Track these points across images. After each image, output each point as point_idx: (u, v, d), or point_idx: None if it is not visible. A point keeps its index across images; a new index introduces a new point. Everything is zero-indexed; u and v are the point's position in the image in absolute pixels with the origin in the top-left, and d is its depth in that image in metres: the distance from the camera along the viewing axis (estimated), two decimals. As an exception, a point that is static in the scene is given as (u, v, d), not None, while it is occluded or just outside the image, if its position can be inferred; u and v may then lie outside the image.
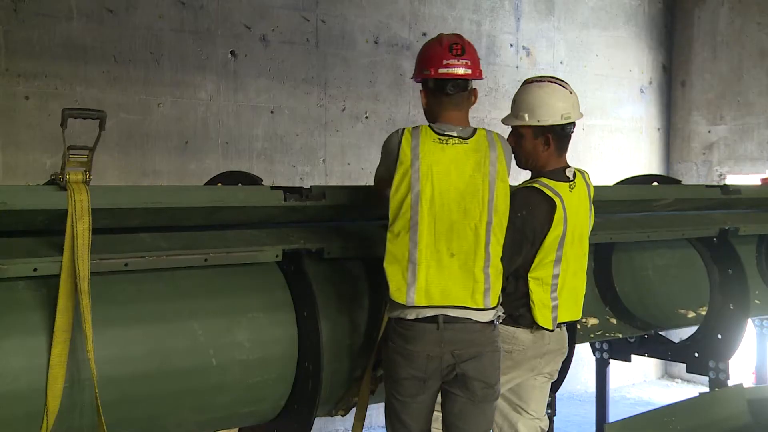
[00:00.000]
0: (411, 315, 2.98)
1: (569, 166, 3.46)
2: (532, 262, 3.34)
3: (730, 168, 7.63)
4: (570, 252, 3.42)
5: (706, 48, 7.80)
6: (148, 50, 5.21)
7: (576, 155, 7.37)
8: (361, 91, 6.13)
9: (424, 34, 6.40)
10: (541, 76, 3.54)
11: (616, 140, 7.74)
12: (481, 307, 3.00)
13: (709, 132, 7.76)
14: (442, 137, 3.00)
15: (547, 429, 3.63)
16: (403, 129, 3.03)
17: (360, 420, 3.36)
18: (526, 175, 3.52)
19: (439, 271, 2.95)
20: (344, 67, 6.04)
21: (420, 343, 2.97)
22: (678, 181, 5.44)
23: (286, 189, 3.14)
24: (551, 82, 3.47)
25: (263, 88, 5.68)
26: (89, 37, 5.00)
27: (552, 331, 3.43)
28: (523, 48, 7.02)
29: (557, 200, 3.30)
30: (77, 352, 2.63)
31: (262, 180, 3.50)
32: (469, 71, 3.07)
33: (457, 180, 2.97)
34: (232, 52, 5.55)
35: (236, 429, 3.58)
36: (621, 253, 4.88)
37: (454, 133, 3.02)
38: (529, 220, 3.27)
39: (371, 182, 6.43)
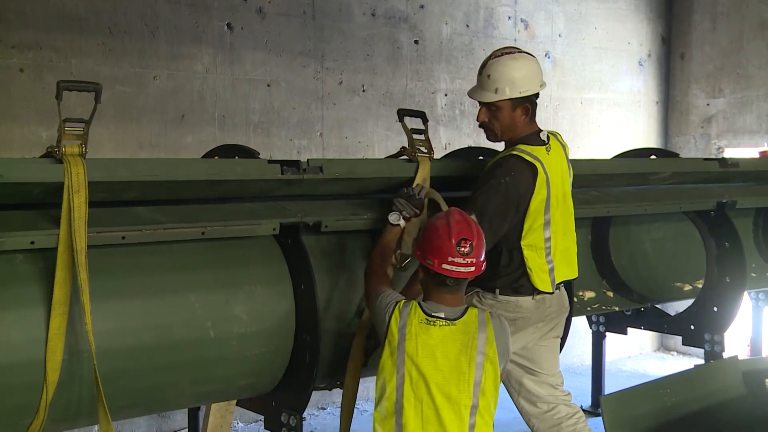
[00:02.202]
0: None
1: (542, 130, 3.52)
2: (521, 229, 3.38)
3: (728, 141, 7.61)
4: (557, 213, 3.49)
5: (705, 19, 7.74)
6: (143, 22, 5.16)
7: (574, 129, 7.35)
8: (358, 64, 6.08)
9: (422, 7, 6.34)
10: (507, 48, 3.56)
11: (614, 114, 7.71)
12: None
13: (708, 105, 7.73)
14: (429, 318, 2.88)
15: (561, 382, 3.69)
16: (395, 305, 2.91)
17: (350, 394, 3.31)
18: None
19: None
20: (341, 40, 6.00)
21: None
22: (676, 155, 5.44)
23: (283, 162, 3.13)
24: (520, 52, 3.51)
25: (260, 60, 5.64)
26: (84, 9, 4.95)
27: (552, 293, 3.48)
28: (521, 20, 6.96)
29: (538, 165, 3.36)
30: (75, 324, 2.64)
31: (259, 153, 3.49)
32: (472, 269, 2.90)
33: (442, 363, 2.84)
34: (228, 25, 5.50)
35: (234, 401, 3.60)
36: (618, 227, 4.89)
37: (442, 315, 2.89)
38: (513, 186, 3.32)
39: (368, 156, 6.40)
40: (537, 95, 3.50)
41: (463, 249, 2.85)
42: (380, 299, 2.97)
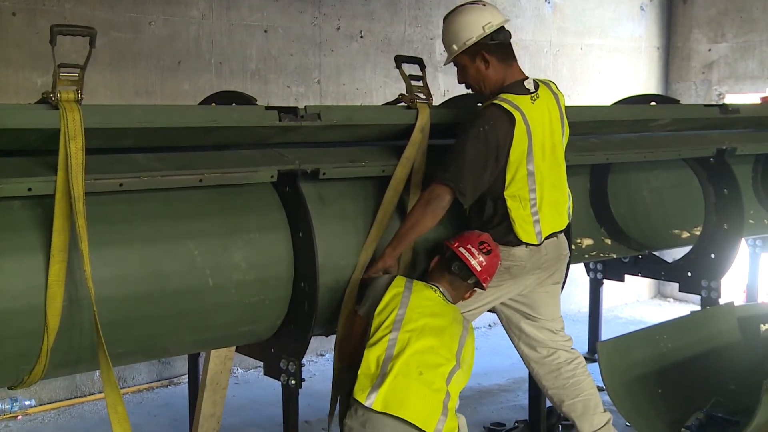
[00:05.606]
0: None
1: (527, 78, 3.46)
2: (504, 180, 3.37)
3: (729, 87, 7.54)
4: (543, 165, 3.46)
5: (709, -40, 7.61)
6: (137, -34, 5.07)
7: (573, 76, 7.29)
8: (355, 9, 6.00)
9: (421, -50, 6.24)
10: (456, 7, 3.54)
11: (614, 60, 7.63)
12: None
13: (710, 50, 7.64)
14: (429, 284, 3.27)
15: (561, 327, 3.73)
16: (395, 277, 3.22)
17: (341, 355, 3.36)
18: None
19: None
20: (339, -16, 5.91)
21: None
22: (676, 101, 5.40)
23: (280, 109, 3.11)
24: (463, 5, 3.49)
25: (256, 6, 5.56)
26: (76, -48, 4.86)
27: (539, 245, 3.48)
28: (522, -36, 6.85)
29: (517, 114, 3.33)
30: (75, 271, 2.65)
31: (256, 100, 3.46)
32: (478, 269, 3.29)
33: (438, 313, 3.14)
34: (223, -32, 5.41)
35: (234, 348, 3.63)
36: (617, 174, 4.88)
37: (441, 289, 3.27)
38: (492, 135, 3.31)
39: (367, 103, 6.34)
40: (494, 38, 3.39)
41: (483, 248, 3.32)
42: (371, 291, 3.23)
